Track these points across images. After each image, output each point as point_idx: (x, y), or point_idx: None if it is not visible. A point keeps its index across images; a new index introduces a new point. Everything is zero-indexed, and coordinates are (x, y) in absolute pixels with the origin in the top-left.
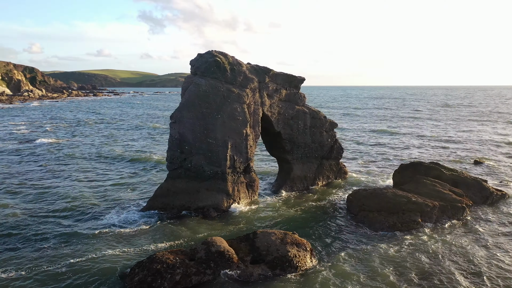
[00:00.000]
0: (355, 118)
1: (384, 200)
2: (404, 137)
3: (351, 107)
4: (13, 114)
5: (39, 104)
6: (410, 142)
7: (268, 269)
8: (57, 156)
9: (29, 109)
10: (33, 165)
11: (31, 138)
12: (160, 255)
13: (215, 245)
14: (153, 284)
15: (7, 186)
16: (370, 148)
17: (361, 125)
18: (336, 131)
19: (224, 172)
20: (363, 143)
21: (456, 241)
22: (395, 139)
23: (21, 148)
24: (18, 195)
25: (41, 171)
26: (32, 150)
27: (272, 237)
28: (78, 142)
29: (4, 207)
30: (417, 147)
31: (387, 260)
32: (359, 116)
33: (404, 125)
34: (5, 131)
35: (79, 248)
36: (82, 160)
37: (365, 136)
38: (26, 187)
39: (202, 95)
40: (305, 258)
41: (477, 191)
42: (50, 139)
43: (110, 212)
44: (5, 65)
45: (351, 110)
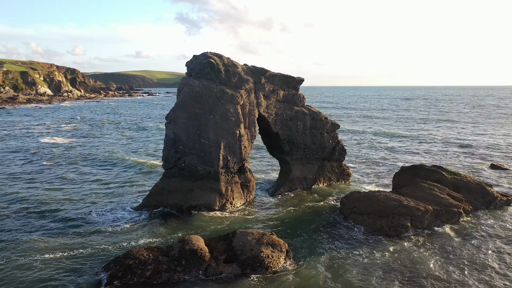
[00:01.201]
0: (374, 120)
1: (375, 203)
2: (421, 139)
3: (375, 108)
4: (40, 114)
5: (69, 105)
6: (427, 144)
7: (239, 269)
8: (60, 155)
9: (58, 109)
10: (34, 164)
11: (36, 137)
12: (136, 251)
13: (189, 243)
14: (123, 279)
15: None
16: (381, 150)
17: (378, 127)
18: (350, 134)
19: (217, 172)
20: (375, 145)
21: (441, 248)
22: (411, 141)
23: (23, 147)
24: (15, 192)
25: (41, 169)
26: (36, 149)
27: (249, 237)
28: (83, 142)
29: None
30: (432, 149)
31: (362, 264)
32: (378, 118)
33: (426, 128)
34: (22, 131)
35: (68, 243)
36: (84, 160)
37: (379, 139)
38: (23, 184)
39: (195, 96)
40: (279, 259)
41: (479, 196)
42: (55, 139)
43: (106, 210)
44: (49, 66)
45: (373, 111)
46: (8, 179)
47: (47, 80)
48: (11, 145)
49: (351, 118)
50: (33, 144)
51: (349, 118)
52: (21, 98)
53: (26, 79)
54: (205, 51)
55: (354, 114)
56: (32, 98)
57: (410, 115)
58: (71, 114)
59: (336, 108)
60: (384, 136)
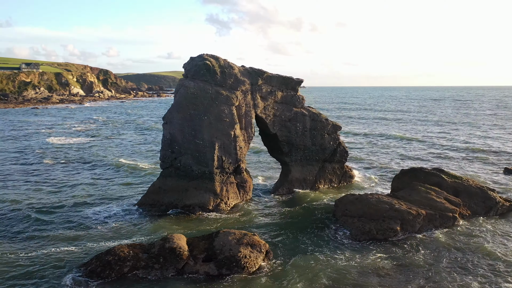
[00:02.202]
0: (390, 122)
1: (366, 206)
2: (436, 142)
3: (396, 109)
4: (64, 114)
5: (94, 105)
6: (441, 148)
7: (215, 268)
8: (64, 155)
9: (84, 110)
10: (35, 163)
11: (45, 137)
12: (117, 248)
13: (170, 241)
14: (101, 274)
15: None
16: (390, 154)
17: (392, 130)
18: (363, 136)
19: (211, 172)
20: (384, 148)
21: (425, 253)
22: (425, 145)
23: (29, 146)
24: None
25: (41, 168)
26: (40, 149)
27: (230, 237)
28: (90, 142)
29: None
30: (447, 152)
31: (339, 268)
32: (395, 120)
33: (445, 130)
34: (37, 130)
35: (58, 240)
36: (86, 159)
37: (389, 142)
38: (22, 182)
39: (190, 97)
40: (256, 259)
41: (480, 200)
42: (63, 138)
43: (102, 208)
44: (83, 68)
45: (393, 113)
46: (8, 177)
47: (80, 81)
48: (18, 145)
49: (366, 120)
50: (39, 143)
51: (364, 119)
52: (55, 98)
53: (60, 80)
54: (202, 53)
55: (370, 115)
56: (64, 98)
57: (429, 117)
58: (91, 114)
59: (356, 110)
60: (395, 139)
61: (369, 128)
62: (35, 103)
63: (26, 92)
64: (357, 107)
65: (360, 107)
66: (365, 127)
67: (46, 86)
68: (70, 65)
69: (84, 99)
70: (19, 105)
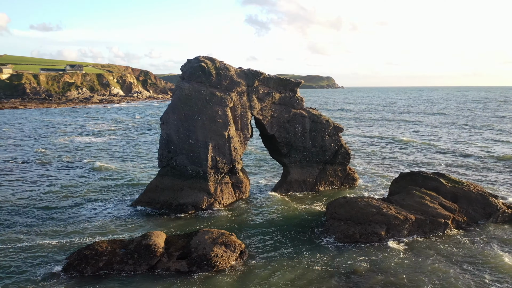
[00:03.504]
0: (409, 125)
1: (354, 210)
2: (458, 149)
3: (421, 111)
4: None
5: (126, 105)
6: (459, 155)
7: (186, 265)
8: (70, 153)
9: (116, 110)
10: (41, 161)
11: (59, 136)
12: (97, 243)
13: (148, 238)
14: (78, 267)
15: None
16: (401, 158)
17: (412, 134)
18: (378, 138)
19: (205, 172)
20: (398, 152)
21: (404, 259)
22: (445, 150)
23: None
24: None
25: (49, 165)
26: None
27: (206, 236)
28: (101, 141)
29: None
30: (463, 158)
31: (311, 270)
32: (417, 123)
33: (467, 134)
34: (49, 130)
35: (49, 234)
36: (92, 157)
37: (409, 145)
38: (23, 181)
39: (184, 98)
40: (229, 258)
41: (479, 206)
42: (79, 137)
43: (99, 205)
44: (124, 69)
45: (416, 115)
46: (12, 174)
47: (120, 82)
48: (31, 143)
49: (388, 122)
50: (53, 142)
51: (387, 121)
52: (95, 98)
53: (101, 81)
54: (198, 55)
55: (392, 117)
56: (104, 98)
57: (458, 120)
58: (118, 114)
59: (380, 112)
60: (412, 143)
61: (387, 130)
62: (76, 103)
63: (69, 93)
64: (383, 109)
65: (386, 108)
66: (383, 129)
67: (88, 87)
68: (112, 66)
69: (122, 99)
70: (61, 105)
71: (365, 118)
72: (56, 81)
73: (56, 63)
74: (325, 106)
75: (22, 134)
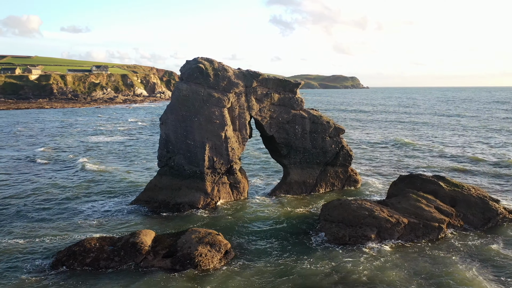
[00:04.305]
0: (422, 127)
1: (346, 212)
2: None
3: (440, 113)
4: (115, 114)
5: (143, 105)
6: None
7: (170, 264)
8: (76, 152)
9: (129, 110)
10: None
11: (67, 136)
12: (87, 239)
13: (136, 236)
14: (65, 263)
15: None
16: (412, 161)
17: (425, 136)
18: (387, 141)
19: (202, 172)
20: (407, 155)
21: (385, 264)
22: (458, 154)
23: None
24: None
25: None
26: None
27: (193, 235)
28: (108, 141)
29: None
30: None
31: (294, 272)
32: (434, 125)
33: (483, 138)
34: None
35: (44, 231)
36: (97, 156)
37: (421, 148)
38: (25, 178)
39: (182, 99)
40: (212, 258)
41: (478, 211)
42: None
43: (99, 203)
44: (149, 69)
45: (434, 117)
46: (15, 172)
47: (144, 82)
48: (37, 141)
49: (399, 124)
50: (63, 141)
51: (398, 123)
52: (119, 98)
53: (126, 81)
54: (196, 57)
55: (406, 119)
56: (128, 98)
57: (476, 122)
58: (136, 114)
59: (395, 113)
60: (417, 147)
61: (399, 132)
62: (100, 103)
63: (94, 93)
64: (400, 110)
65: (403, 109)
66: (395, 131)
67: (113, 87)
68: (138, 67)
69: (145, 99)
70: (86, 105)
71: (378, 119)
72: (82, 82)
73: (84, 64)
74: (338, 106)
75: (33, 132)
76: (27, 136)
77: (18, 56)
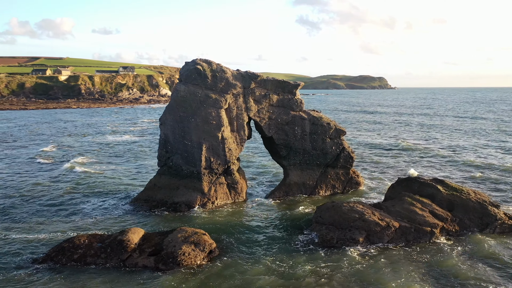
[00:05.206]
0: (437, 130)
1: (337, 214)
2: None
3: (462, 114)
4: (131, 114)
5: (163, 105)
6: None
7: (153, 262)
8: (82, 151)
9: (151, 110)
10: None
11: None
12: (77, 236)
13: (123, 234)
14: (54, 259)
15: None
16: (420, 163)
17: (439, 140)
18: (396, 143)
19: (199, 172)
20: (417, 157)
21: (370, 266)
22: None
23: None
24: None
25: (59, 161)
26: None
27: (179, 235)
28: (117, 141)
29: None
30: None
31: (273, 273)
32: (446, 127)
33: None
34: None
35: (42, 227)
36: (100, 156)
37: (432, 152)
38: (28, 176)
39: (179, 100)
40: (196, 257)
41: (476, 216)
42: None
43: (95, 201)
44: (176, 70)
45: (452, 118)
46: (18, 170)
47: (169, 83)
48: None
49: (414, 126)
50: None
51: (413, 125)
52: (144, 99)
53: (151, 82)
54: (195, 58)
55: (423, 121)
56: (153, 99)
57: (497, 126)
58: (157, 114)
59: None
60: (429, 150)
61: (411, 134)
62: (125, 103)
63: (120, 93)
64: (418, 111)
65: (422, 110)
66: (407, 134)
67: (139, 88)
68: (164, 67)
69: (169, 100)
70: (111, 105)
71: (391, 121)
72: (109, 82)
73: (112, 65)
74: (353, 107)
75: (44, 132)
76: (37, 135)
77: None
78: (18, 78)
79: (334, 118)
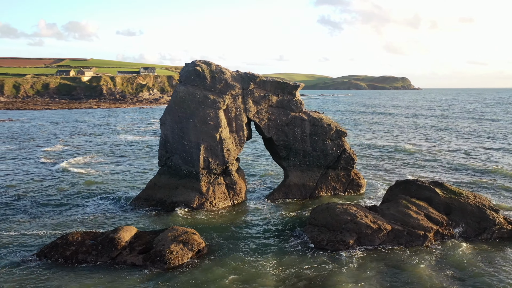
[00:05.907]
0: (449, 133)
1: (330, 216)
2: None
3: (479, 117)
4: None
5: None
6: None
7: (141, 260)
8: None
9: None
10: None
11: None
12: (71, 233)
13: (116, 232)
14: (48, 255)
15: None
16: (426, 166)
17: (449, 142)
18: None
19: (197, 172)
20: (426, 160)
21: (356, 268)
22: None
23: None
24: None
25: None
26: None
27: (169, 233)
28: (123, 141)
29: None
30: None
31: (261, 274)
32: (459, 130)
33: None
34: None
35: (43, 223)
36: (105, 155)
37: (440, 155)
38: (32, 174)
39: (178, 101)
40: (183, 256)
41: (474, 220)
42: None
43: (94, 200)
44: None
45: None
46: (22, 169)
47: None
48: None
49: (427, 128)
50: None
51: (426, 128)
52: (164, 99)
53: (171, 83)
54: (194, 59)
55: (437, 123)
56: None
57: None
58: (160, 115)
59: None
60: (439, 153)
61: (423, 136)
62: (146, 103)
63: (141, 94)
64: (434, 113)
65: (439, 112)
66: (419, 136)
67: (159, 88)
68: None
69: None
70: (131, 105)
71: (402, 122)
72: (130, 83)
73: (134, 66)
74: (363, 109)
75: (53, 131)
76: (49, 134)
77: (75, 59)
78: (43, 79)
79: (343, 119)
